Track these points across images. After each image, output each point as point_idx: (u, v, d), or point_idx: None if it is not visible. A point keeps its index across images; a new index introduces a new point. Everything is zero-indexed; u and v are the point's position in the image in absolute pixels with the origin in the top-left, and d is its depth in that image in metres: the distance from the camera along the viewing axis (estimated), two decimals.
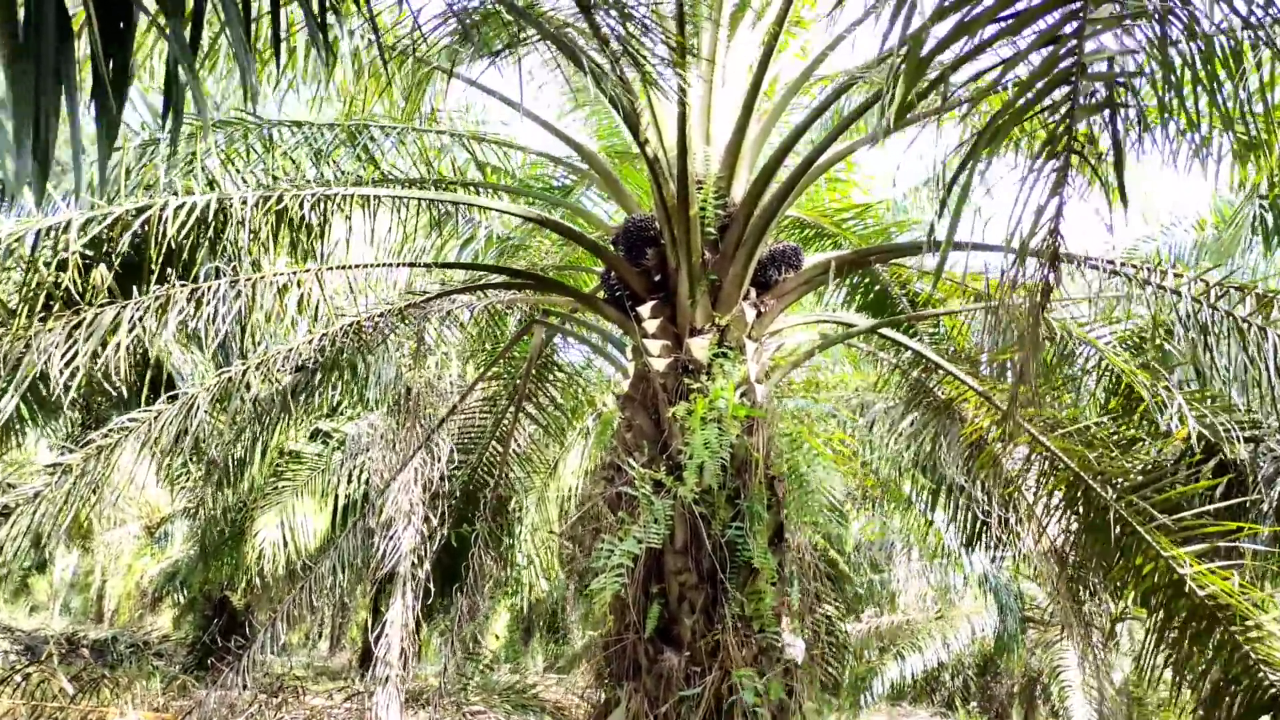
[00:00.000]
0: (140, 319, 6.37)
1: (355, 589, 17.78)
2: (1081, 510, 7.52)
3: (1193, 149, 7.09)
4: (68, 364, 6.09)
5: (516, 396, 10.00)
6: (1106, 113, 3.38)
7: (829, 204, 10.39)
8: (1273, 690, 6.25)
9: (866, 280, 10.26)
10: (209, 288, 6.49)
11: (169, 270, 6.50)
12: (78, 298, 6.34)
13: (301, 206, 6.37)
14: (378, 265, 7.04)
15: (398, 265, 7.14)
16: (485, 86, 7.97)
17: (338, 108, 8.43)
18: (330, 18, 6.02)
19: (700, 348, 6.56)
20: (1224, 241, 9.29)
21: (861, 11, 7.42)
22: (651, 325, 6.79)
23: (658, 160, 6.80)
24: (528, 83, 10.85)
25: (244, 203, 6.07)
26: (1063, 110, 3.14)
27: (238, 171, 6.76)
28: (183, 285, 6.46)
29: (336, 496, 15.04)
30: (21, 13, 1.62)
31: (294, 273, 6.68)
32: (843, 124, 6.88)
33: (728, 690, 5.82)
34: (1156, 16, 3.37)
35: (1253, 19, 4.25)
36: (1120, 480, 7.07)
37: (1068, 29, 3.06)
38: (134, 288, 6.45)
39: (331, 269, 6.86)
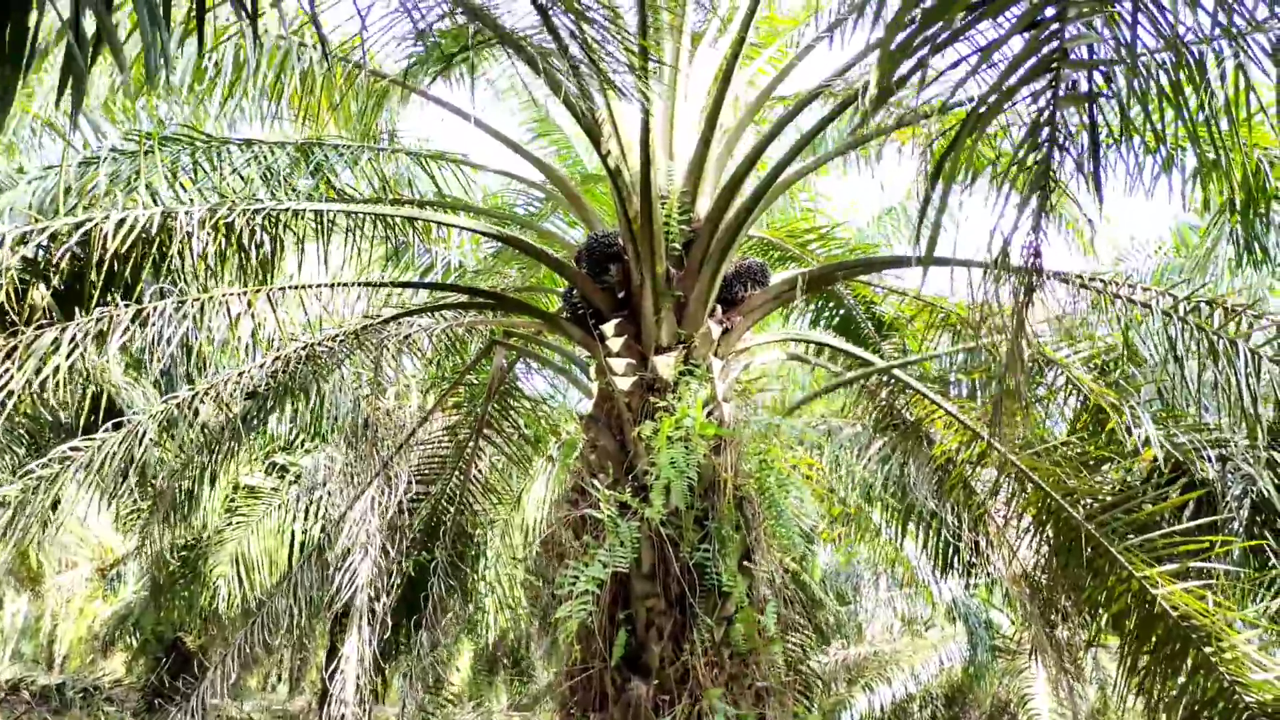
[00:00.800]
0: (82, 340, 6.10)
1: (314, 627, 17.37)
2: (1052, 531, 7.42)
3: (1159, 166, 7.08)
4: (3, 388, 5.81)
5: (477, 424, 9.76)
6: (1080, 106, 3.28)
7: (794, 225, 10.33)
8: (1249, 712, 6.14)
9: (831, 304, 10.20)
10: (154, 308, 6.24)
11: (112, 292, 6.25)
12: (15, 320, 6.06)
13: (251, 222, 6.15)
14: (332, 285, 6.81)
15: (353, 285, 6.91)
16: (443, 100, 7.82)
17: (289, 133, 8.22)
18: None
19: (666, 366, 6.40)
20: (1200, 258, 9.27)
21: (825, 26, 7.33)
22: (615, 343, 6.61)
23: (620, 173, 6.65)
24: (490, 105, 10.74)
25: (190, 217, 5.84)
26: (1045, 98, 3.01)
27: (184, 188, 6.52)
28: (126, 306, 6.20)
29: (293, 532, 14.67)
30: None
31: (243, 292, 6.44)
32: (807, 137, 6.78)
33: (698, 718, 5.62)
34: (1128, 19, 3.27)
35: (1219, 17, 4.16)
36: (1090, 500, 6.97)
37: (1048, 12, 2.94)
38: (75, 309, 6.19)
39: (283, 289, 6.63)
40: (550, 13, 4.55)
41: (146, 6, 1.55)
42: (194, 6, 2.22)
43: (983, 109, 2.93)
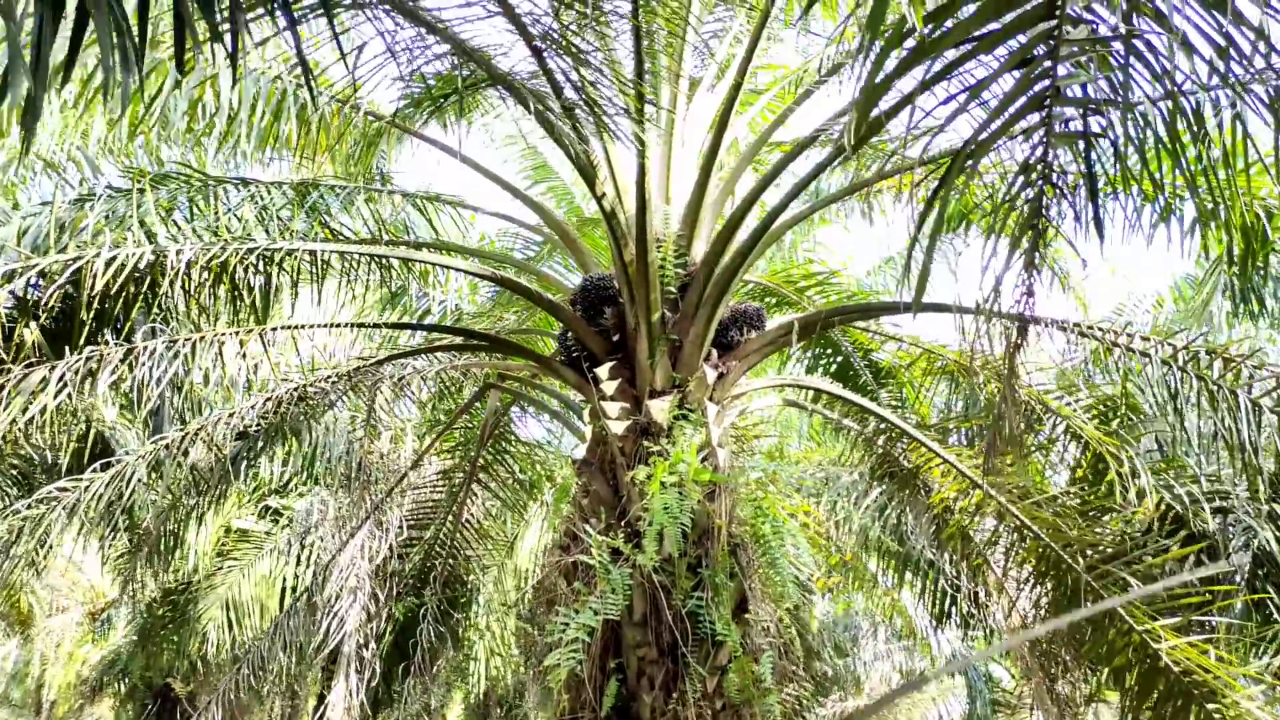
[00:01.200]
0: (72, 380, 6.03)
1: (306, 675, 17.14)
2: (1052, 583, 7.31)
3: (1157, 214, 7.05)
4: None
5: (470, 469, 9.67)
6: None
7: (792, 271, 10.32)
8: None
9: (829, 351, 10.15)
10: (144, 348, 6.18)
11: (102, 331, 6.20)
12: (3, 358, 6.01)
13: (244, 261, 6.10)
14: (325, 326, 6.76)
15: (346, 326, 6.86)
16: (438, 142, 7.82)
17: (286, 172, 8.22)
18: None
19: (660, 410, 6.32)
20: (1196, 309, 9.25)
21: (823, 72, 7.35)
22: (610, 387, 6.55)
23: (615, 216, 6.62)
24: (488, 152, 10.79)
25: (181, 256, 5.79)
26: (1037, 136, 2.98)
27: (177, 227, 6.49)
28: (117, 345, 6.15)
29: (284, 577, 14.50)
30: None
31: (235, 332, 6.38)
32: (803, 182, 6.76)
33: None
34: (1120, 61, 3.24)
35: (1216, 64, 4.13)
36: (1090, 551, 6.87)
37: (1040, 50, 2.91)
38: (65, 348, 6.13)
39: (276, 329, 6.58)
40: (545, 55, 4.54)
41: (108, 25, 1.51)
42: (176, 36, 2.18)
43: (974, 145, 2.89)
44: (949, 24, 2.86)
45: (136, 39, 2.11)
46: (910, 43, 2.75)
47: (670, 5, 5.21)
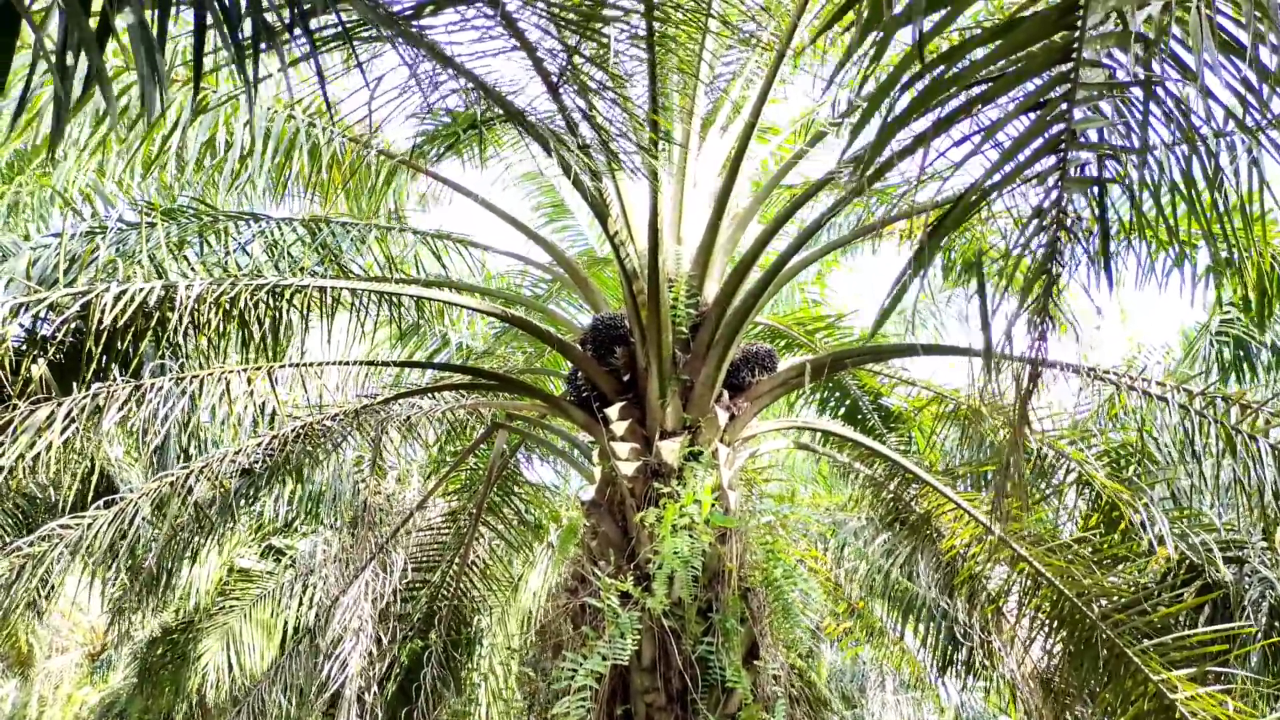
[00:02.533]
0: (78, 416, 5.98)
1: (307, 719, 16.92)
2: (1065, 632, 7.20)
3: (1171, 262, 7.04)
4: None
5: (477, 510, 9.58)
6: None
7: (803, 314, 10.31)
8: None
9: (837, 394, 10.11)
10: (151, 385, 6.13)
11: (111, 366, 6.16)
12: (10, 393, 5.96)
13: (254, 297, 6.08)
14: (333, 364, 6.72)
15: (353, 364, 6.81)
16: (450, 180, 7.83)
17: (298, 208, 8.23)
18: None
19: (671, 451, 6.25)
20: (1185, 364, 9.28)
21: (837, 114, 7.36)
22: (620, 427, 6.48)
23: (627, 254, 6.60)
24: (501, 191, 10.83)
25: (190, 290, 5.76)
26: (1051, 180, 2.93)
27: (188, 262, 6.47)
28: (124, 381, 6.10)
29: (286, 620, 14.34)
30: None
31: (243, 369, 6.34)
32: (814, 225, 6.74)
33: None
34: (1138, 105, 3.20)
35: (1234, 109, 4.09)
36: (1105, 600, 6.77)
37: (1056, 92, 2.87)
38: (73, 384, 6.09)
39: (283, 366, 6.54)
40: (561, 91, 4.54)
41: (141, 40, 1.48)
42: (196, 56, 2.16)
43: (985, 188, 2.85)
44: (963, 64, 2.83)
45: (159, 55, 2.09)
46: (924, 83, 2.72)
47: (686, 45, 5.22)
